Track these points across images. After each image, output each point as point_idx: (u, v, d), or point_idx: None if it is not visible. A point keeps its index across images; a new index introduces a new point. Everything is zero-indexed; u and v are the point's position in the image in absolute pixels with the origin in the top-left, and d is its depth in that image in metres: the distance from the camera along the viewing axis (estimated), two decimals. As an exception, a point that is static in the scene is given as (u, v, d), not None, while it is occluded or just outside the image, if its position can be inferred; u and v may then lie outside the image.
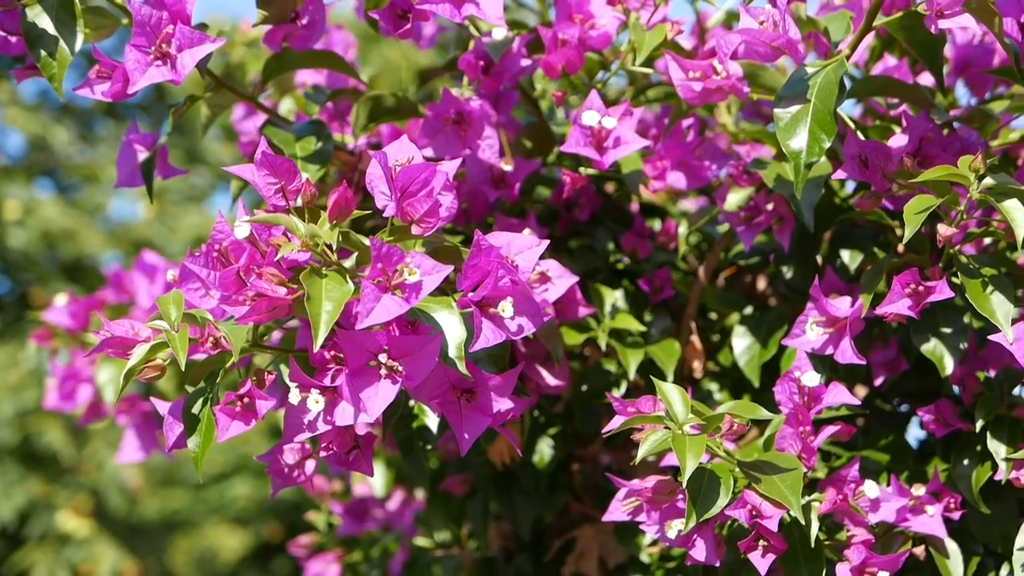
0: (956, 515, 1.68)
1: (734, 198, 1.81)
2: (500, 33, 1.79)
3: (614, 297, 1.88)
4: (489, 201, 1.86)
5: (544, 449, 1.94)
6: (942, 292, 1.55)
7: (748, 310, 1.91)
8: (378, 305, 1.36)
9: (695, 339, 1.94)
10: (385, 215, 1.42)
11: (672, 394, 1.51)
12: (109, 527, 7.42)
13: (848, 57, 1.60)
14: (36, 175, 8.43)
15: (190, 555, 7.88)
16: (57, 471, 7.24)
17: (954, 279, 1.60)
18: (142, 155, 1.78)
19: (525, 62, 1.80)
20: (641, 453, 1.48)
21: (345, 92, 1.93)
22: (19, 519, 7.19)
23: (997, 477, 1.66)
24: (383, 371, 1.40)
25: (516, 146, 1.91)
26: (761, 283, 2.02)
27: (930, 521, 1.66)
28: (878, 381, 1.80)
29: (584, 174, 1.82)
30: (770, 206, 1.79)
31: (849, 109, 2.10)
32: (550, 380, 1.77)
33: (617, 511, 1.58)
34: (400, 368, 1.40)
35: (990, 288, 1.55)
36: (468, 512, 2.05)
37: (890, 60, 2.01)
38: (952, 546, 1.68)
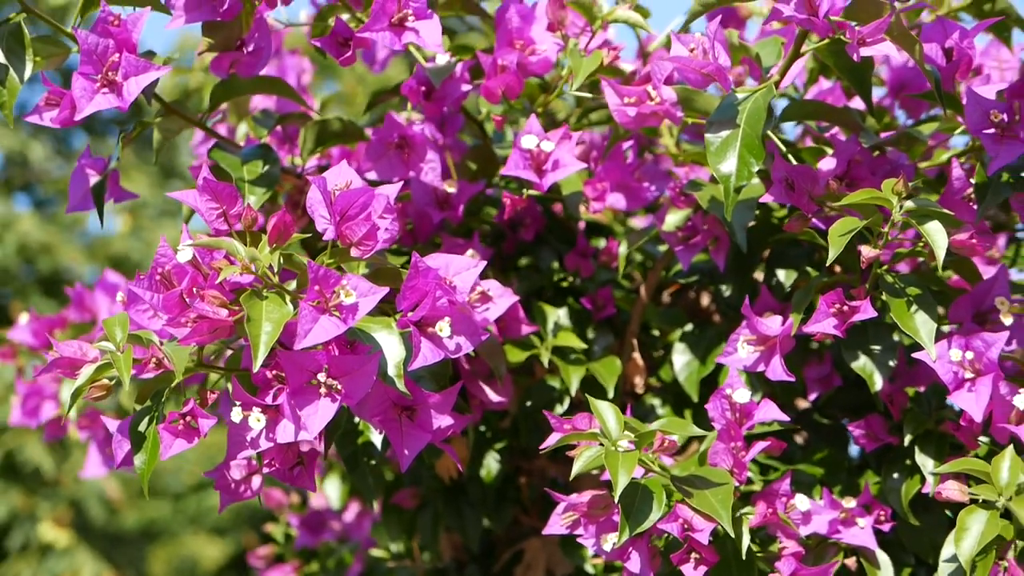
0: (887, 527, 1.71)
1: (672, 219, 1.85)
2: (444, 58, 1.82)
3: (557, 315, 1.92)
4: (434, 222, 1.90)
5: (491, 463, 1.97)
6: (866, 312, 1.59)
7: (689, 327, 1.95)
8: (315, 326, 1.40)
9: (637, 355, 1.97)
10: (325, 238, 1.46)
11: (606, 412, 1.54)
12: (89, 537, 7.43)
13: (777, 84, 1.64)
14: (14, 190, 8.45)
15: (169, 564, 7.88)
16: (38, 483, 7.25)
17: (882, 298, 1.64)
18: (93, 179, 1.81)
19: (466, 87, 1.83)
20: (575, 470, 1.51)
21: (294, 116, 1.96)
22: (1, 531, 7.20)
23: (925, 490, 1.70)
24: (323, 390, 1.43)
25: (461, 168, 1.94)
26: (705, 300, 2.06)
27: (861, 533, 1.69)
28: (812, 396, 1.84)
29: (527, 195, 1.86)
30: (706, 227, 1.83)
31: (790, 129, 2.14)
32: (493, 397, 1.80)
33: (556, 524, 1.60)
34: (340, 387, 1.43)
35: (914, 307, 1.59)
36: (419, 524, 2.09)
37: (825, 83, 2.05)
38: (883, 557, 1.71)
